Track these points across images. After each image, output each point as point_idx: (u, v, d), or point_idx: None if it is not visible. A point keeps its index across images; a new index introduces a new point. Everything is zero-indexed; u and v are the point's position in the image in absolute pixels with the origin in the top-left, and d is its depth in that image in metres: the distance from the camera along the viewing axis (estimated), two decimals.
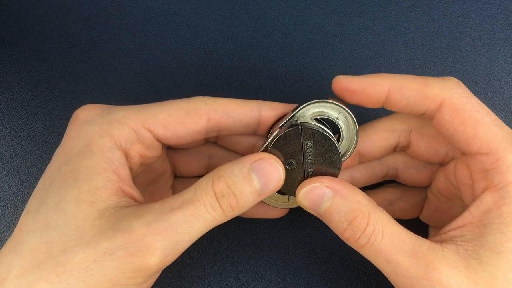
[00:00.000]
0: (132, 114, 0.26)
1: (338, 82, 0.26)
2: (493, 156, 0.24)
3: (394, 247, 0.23)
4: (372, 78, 0.26)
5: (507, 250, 0.22)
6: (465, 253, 0.23)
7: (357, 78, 0.26)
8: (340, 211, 0.24)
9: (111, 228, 0.22)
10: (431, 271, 0.23)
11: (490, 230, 0.23)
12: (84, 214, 0.23)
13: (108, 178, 0.24)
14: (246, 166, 0.24)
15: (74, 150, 0.24)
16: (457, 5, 0.38)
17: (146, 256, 0.22)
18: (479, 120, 0.24)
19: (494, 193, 0.24)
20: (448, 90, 0.25)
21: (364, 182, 0.31)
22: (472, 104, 0.25)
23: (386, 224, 0.24)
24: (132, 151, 0.26)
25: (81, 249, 0.22)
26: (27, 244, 0.22)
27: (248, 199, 0.24)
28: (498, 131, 0.24)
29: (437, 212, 0.30)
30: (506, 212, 0.23)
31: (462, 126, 0.24)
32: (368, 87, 0.26)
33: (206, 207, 0.23)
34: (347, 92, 0.26)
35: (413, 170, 0.31)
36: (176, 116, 0.26)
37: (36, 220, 0.23)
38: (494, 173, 0.24)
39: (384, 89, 0.25)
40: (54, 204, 0.23)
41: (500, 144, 0.24)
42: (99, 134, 0.25)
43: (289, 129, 0.26)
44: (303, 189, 0.25)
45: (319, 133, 0.26)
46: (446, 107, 0.25)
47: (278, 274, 0.32)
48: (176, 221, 0.23)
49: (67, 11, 0.38)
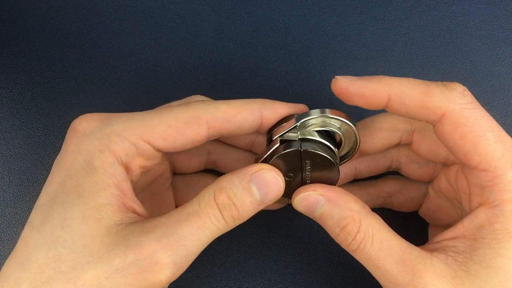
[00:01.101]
0: (131, 126, 0.25)
1: (337, 85, 0.25)
2: (491, 173, 0.23)
3: (382, 254, 0.24)
4: (371, 83, 0.25)
5: (497, 266, 0.23)
6: (454, 264, 0.23)
7: (356, 82, 0.25)
8: (333, 217, 0.25)
9: (121, 245, 0.22)
10: (417, 279, 0.23)
11: (482, 245, 0.23)
12: (91, 231, 0.23)
13: (112, 194, 0.24)
14: (246, 177, 0.24)
15: (76, 165, 0.24)
16: (457, 5, 0.38)
17: (157, 272, 0.22)
18: (480, 136, 0.23)
19: (488, 210, 0.24)
20: (451, 102, 0.24)
21: (367, 173, 0.32)
22: (475, 118, 0.24)
23: (376, 231, 0.24)
24: (132, 164, 0.26)
25: (91, 266, 0.22)
26: (35, 259, 0.22)
27: (248, 209, 0.25)
28: (499, 148, 0.23)
29: (436, 210, 0.30)
30: (498, 229, 0.23)
31: (462, 141, 0.24)
32: (367, 93, 0.25)
33: (211, 219, 0.24)
34: (345, 95, 0.25)
35: (416, 165, 0.30)
36: (176, 127, 0.26)
37: (42, 235, 0.23)
38: (490, 190, 0.24)
39: (384, 96, 0.25)
40: (59, 220, 0.23)
41: (499, 162, 0.23)
42: (99, 150, 0.24)
43: (289, 150, 0.26)
44: (298, 197, 0.26)
45: (318, 155, 0.26)
46: (447, 119, 0.24)
47: (278, 274, 0.32)
48: (184, 235, 0.23)
49: (67, 11, 0.38)
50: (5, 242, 0.33)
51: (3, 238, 0.33)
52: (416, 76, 0.36)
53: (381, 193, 0.32)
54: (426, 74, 0.36)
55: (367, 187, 0.32)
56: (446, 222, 0.29)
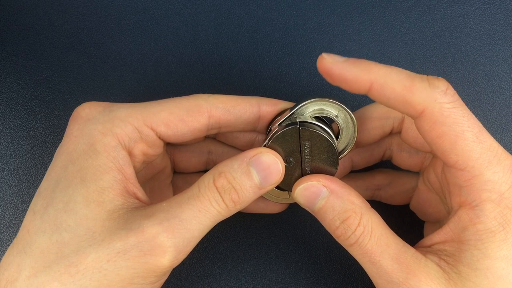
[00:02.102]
0: (134, 112, 0.26)
1: (322, 63, 0.24)
2: (468, 173, 0.23)
3: (379, 249, 0.24)
4: (355, 68, 0.24)
5: (484, 267, 0.23)
6: (447, 267, 0.23)
7: (340, 64, 0.24)
8: (334, 209, 0.25)
9: (123, 228, 0.22)
10: (412, 278, 0.23)
11: (468, 247, 0.23)
12: (93, 214, 0.23)
13: (114, 178, 0.24)
14: (245, 161, 0.25)
15: (78, 149, 0.24)
16: (457, 5, 0.38)
17: (159, 255, 0.22)
18: (459, 136, 0.23)
19: (469, 211, 0.24)
20: (432, 101, 0.23)
21: (363, 165, 0.32)
22: (454, 117, 0.23)
23: (375, 226, 0.24)
24: (135, 149, 0.26)
25: (94, 249, 0.22)
26: (37, 244, 0.22)
27: (248, 193, 0.25)
28: (477, 147, 0.23)
29: (426, 204, 0.30)
30: (481, 230, 0.23)
31: (439, 139, 0.23)
32: (350, 77, 0.24)
33: (211, 203, 0.24)
34: (328, 75, 0.24)
35: (406, 154, 0.30)
36: (178, 114, 0.26)
37: (44, 220, 0.23)
38: (468, 190, 0.23)
39: (366, 83, 0.24)
40: (62, 204, 0.23)
41: (476, 161, 0.23)
42: (102, 133, 0.25)
43: (287, 127, 0.26)
44: (300, 186, 0.26)
45: (317, 134, 0.26)
46: (426, 116, 0.23)
47: (278, 274, 0.32)
48: (185, 218, 0.23)
49: (67, 11, 0.38)
50: (5, 242, 0.33)
51: (3, 238, 0.33)
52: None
53: (370, 185, 0.32)
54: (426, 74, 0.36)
55: (356, 179, 0.32)
56: (435, 217, 0.29)
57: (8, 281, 0.22)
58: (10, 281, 0.22)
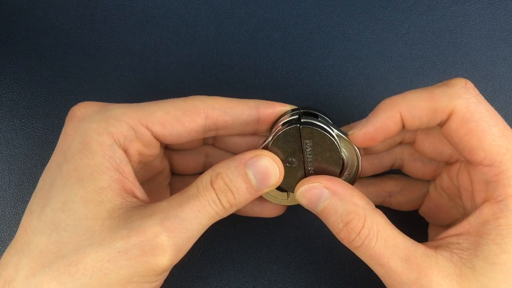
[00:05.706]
0: (130, 111, 0.26)
1: (357, 138, 0.26)
2: (496, 168, 0.24)
3: (387, 251, 0.24)
4: (380, 114, 0.25)
5: (501, 262, 0.23)
6: (459, 261, 0.23)
7: (369, 126, 0.25)
8: (337, 212, 0.25)
9: (124, 227, 0.23)
10: (423, 277, 0.23)
11: (486, 241, 0.23)
12: (93, 214, 0.23)
13: (112, 178, 0.24)
14: (242, 163, 0.25)
15: (73, 148, 0.24)
16: (457, 5, 0.38)
17: (160, 254, 0.22)
18: (486, 131, 0.24)
19: (493, 205, 0.24)
20: (456, 97, 0.24)
21: (371, 172, 0.31)
22: (480, 112, 0.24)
23: (382, 228, 0.24)
24: (131, 148, 0.26)
25: (94, 248, 0.22)
26: (36, 244, 0.22)
27: (244, 195, 0.25)
28: (504, 143, 0.24)
29: (437, 209, 0.30)
30: (503, 225, 0.23)
31: (467, 136, 0.24)
32: (381, 127, 0.25)
33: (209, 203, 0.24)
34: (370, 142, 0.26)
35: (419, 163, 0.30)
36: (174, 114, 0.26)
37: (42, 220, 0.23)
38: (495, 185, 0.24)
39: (397, 120, 0.25)
40: (60, 204, 0.23)
41: (503, 157, 0.23)
42: (97, 132, 0.24)
43: (288, 127, 0.26)
44: (301, 188, 0.26)
45: (318, 132, 0.25)
46: (454, 116, 0.24)
47: (278, 274, 0.32)
48: (185, 217, 0.23)
49: (67, 11, 0.38)
50: (5, 242, 0.33)
51: (3, 238, 0.33)
52: (416, 76, 0.36)
53: (381, 192, 0.32)
54: (426, 74, 0.36)
55: (367, 185, 0.32)
56: (446, 221, 0.29)
57: (6, 281, 0.22)
58: (7, 281, 0.22)
